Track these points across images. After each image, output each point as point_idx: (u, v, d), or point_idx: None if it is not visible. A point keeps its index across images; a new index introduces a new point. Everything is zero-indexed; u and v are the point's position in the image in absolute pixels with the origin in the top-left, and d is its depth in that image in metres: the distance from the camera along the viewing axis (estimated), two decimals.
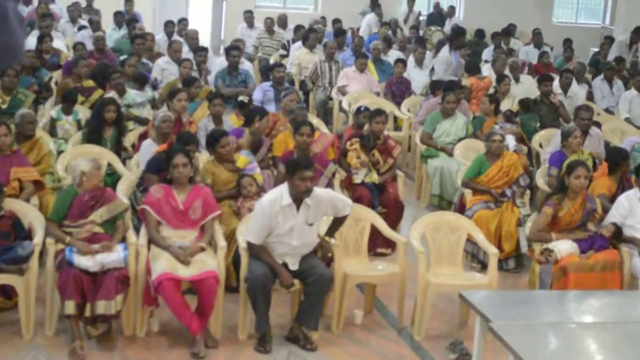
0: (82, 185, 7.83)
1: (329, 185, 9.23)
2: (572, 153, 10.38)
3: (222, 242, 7.93)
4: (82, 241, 7.56)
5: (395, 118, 14.47)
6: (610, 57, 18.52)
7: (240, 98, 11.81)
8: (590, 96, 16.06)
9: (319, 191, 7.95)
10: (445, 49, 16.92)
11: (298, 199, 7.68)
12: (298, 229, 7.72)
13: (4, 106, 10.86)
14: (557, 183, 9.34)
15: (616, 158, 9.78)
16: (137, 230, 7.97)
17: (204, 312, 7.49)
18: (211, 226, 7.99)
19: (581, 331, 6.39)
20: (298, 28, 19.30)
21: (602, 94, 16.23)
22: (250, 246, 7.73)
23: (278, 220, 7.65)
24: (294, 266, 7.79)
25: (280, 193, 7.78)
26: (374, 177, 10.09)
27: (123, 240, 7.81)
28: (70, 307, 7.26)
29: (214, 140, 9.12)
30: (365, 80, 15.34)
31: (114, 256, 7.50)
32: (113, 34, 17.87)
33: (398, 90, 15.46)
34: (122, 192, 8.66)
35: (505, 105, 13.70)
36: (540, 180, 10.84)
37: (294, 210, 7.70)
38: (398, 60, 16.24)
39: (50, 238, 7.69)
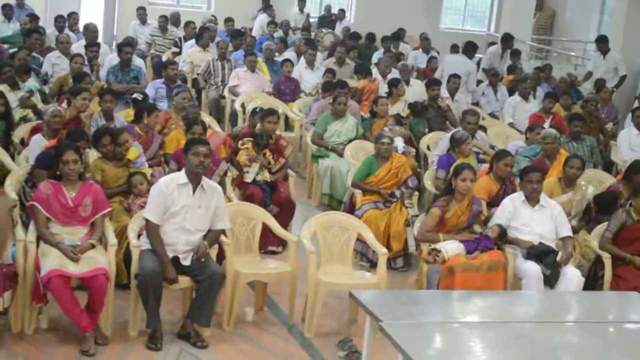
0: None
1: (221, 183, 9.18)
2: (462, 157, 10.50)
3: (112, 239, 7.88)
4: None
5: (287, 118, 14.43)
6: (485, 65, 18.77)
7: (135, 95, 11.70)
8: (475, 101, 16.28)
9: (216, 185, 8.10)
10: None
11: (194, 180, 7.79)
12: (191, 210, 7.81)
13: None
14: (445, 185, 9.44)
15: (496, 158, 9.95)
16: (25, 227, 7.80)
17: (94, 309, 7.40)
18: (101, 223, 7.90)
19: (467, 330, 6.48)
20: (188, 24, 19.21)
21: (487, 100, 16.46)
22: (148, 226, 7.74)
23: (173, 198, 7.75)
24: (185, 261, 7.79)
25: (177, 174, 7.94)
26: (266, 176, 10.13)
27: (12, 237, 7.64)
28: None
29: (96, 138, 9.05)
30: (257, 80, 15.36)
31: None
32: (2, 27, 17.52)
33: (287, 88, 15.49)
34: (10, 187, 8.48)
35: (397, 108, 13.76)
36: (428, 182, 10.96)
37: (189, 190, 7.81)
38: (285, 60, 16.29)
39: None
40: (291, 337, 8.21)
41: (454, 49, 19.66)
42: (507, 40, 18.02)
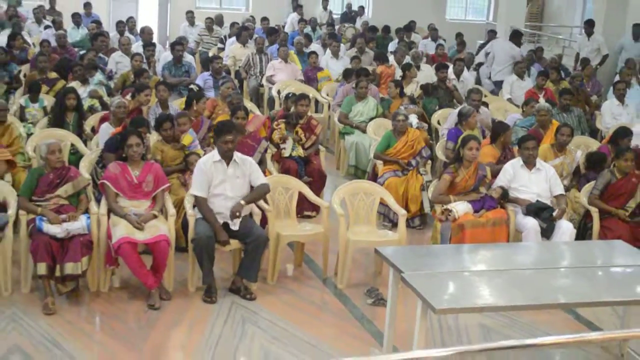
0: (46, 166, 7.76)
1: (262, 159, 9.23)
2: (469, 130, 10.49)
3: (171, 210, 7.94)
4: (52, 213, 7.48)
5: (317, 101, 14.43)
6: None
7: (191, 86, 11.78)
8: (478, 81, 16.23)
9: (245, 157, 8.19)
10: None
11: (226, 157, 7.90)
12: (230, 181, 7.92)
13: None
14: (454, 154, 9.42)
15: (498, 129, 9.94)
16: (98, 202, 7.89)
17: (157, 270, 7.50)
18: (162, 196, 7.97)
19: (477, 277, 6.47)
20: (233, 24, 19.27)
21: (488, 79, 16.41)
22: (198, 200, 7.85)
23: (212, 172, 7.87)
24: (234, 226, 7.84)
25: (212, 154, 8.04)
26: (300, 152, 10.15)
27: (86, 210, 7.73)
28: (42, 268, 7.21)
29: (158, 123, 9.07)
30: (290, 70, 15.32)
31: (78, 224, 7.44)
32: (73, 33, 17.56)
33: (313, 75, 15.51)
34: (84, 168, 8.58)
35: (410, 89, 13.73)
36: (439, 152, 10.96)
37: (224, 165, 7.93)
38: (311, 52, 16.27)
39: (22, 210, 7.62)
40: (326, 288, 8.26)
41: (493, 35, 19.48)
42: (517, 36, 17.83)
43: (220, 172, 7.92)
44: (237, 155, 8.05)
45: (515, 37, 17.19)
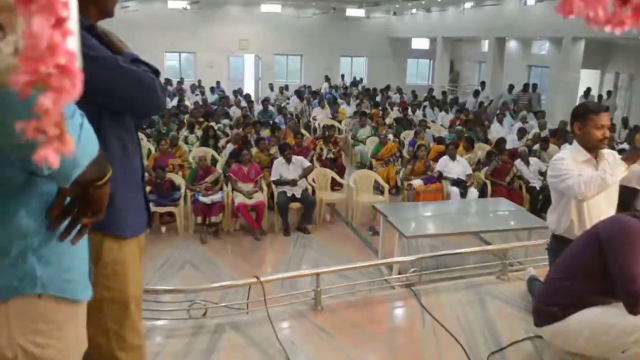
0: (198, 168, 7.93)
1: (311, 160, 9.31)
2: (420, 141, 10.54)
3: (264, 188, 8.05)
4: (204, 190, 7.67)
5: (339, 129, 14.42)
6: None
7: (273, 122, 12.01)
8: (424, 115, 16.17)
9: (297, 157, 8.24)
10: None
11: (287, 160, 8.01)
12: (292, 170, 7.99)
13: (164, 131, 10.92)
14: (412, 154, 9.47)
15: (439, 141, 9.99)
16: (226, 184, 8.04)
17: (259, 219, 7.62)
18: (260, 180, 8.06)
19: (426, 219, 6.59)
20: (296, 91, 19.41)
21: (434, 114, 16.38)
22: (274, 182, 7.97)
23: (282, 170, 7.96)
24: (297, 194, 7.93)
25: (281, 160, 8.07)
26: (331, 155, 10.10)
27: (221, 189, 7.89)
28: (199, 220, 7.43)
29: (257, 142, 9.20)
30: (325, 113, 15.14)
31: (217, 196, 7.64)
32: (211, 97, 17.86)
33: (336, 115, 15.35)
34: (219, 167, 8.71)
35: (388, 120, 13.68)
36: (405, 153, 10.96)
37: (286, 165, 7.99)
38: (335, 103, 16.48)
39: (188, 190, 7.81)
40: (347, 227, 8.30)
41: (431, 91, 19.48)
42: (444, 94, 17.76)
43: (286, 169, 8.00)
44: (294, 157, 8.12)
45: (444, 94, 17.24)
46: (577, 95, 15.45)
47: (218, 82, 20.06)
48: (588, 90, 16.14)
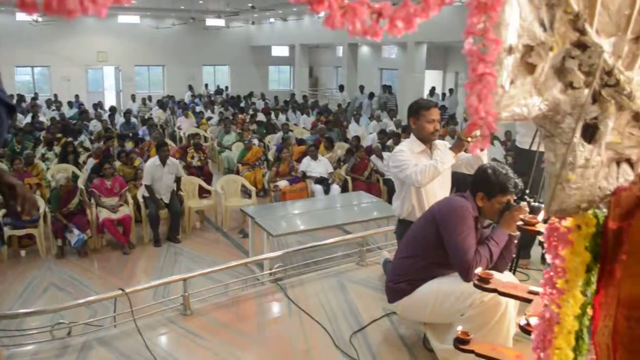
0: (62, 190, 7.38)
1: (179, 169, 9.09)
2: (287, 144, 10.69)
3: (130, 200, 7.77)
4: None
5: (205, 137, 14.28)
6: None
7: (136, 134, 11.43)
8: (287, 118, 16.42)
9: (173, 160, 8.00)
10: None
11: (163, 161, 7.72)
12: (164, 178, 7.72)
13: (18, 150, 10.13)
14: (276, 157, 9.59)
15: (300, 143, 10.12)
16: (89, 199, 7.60)
17: (126, 233, 7.33)
18: (125, 194, 7.75)
19: (294, 216, 6.69)
20: (157, 101, 18.74)
21: (297, 117, 16.65)
22: (147, 187, 7.65)
23: (156, 172, 7.65)
24: (166, 200, 7.73)
25: (154, 159, 7.80)
26: (198, 162, 9.89)
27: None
28: (59, 242, 6.95)
29: (119, 155, 8.83)
30: (189, 122, 14.99)
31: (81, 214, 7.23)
32: (69, 112, 16.79)
33: (201, 123, 15.20)
34: (81, 182, 8.24)
35: (253, 127, 13.74)
36: (270, 156, 10.98)
37: (161, 167, 7.69)
38: (200, 112, 16.20)
39: (57, 217, 7.30)
40: (217, 232, 8.19)
41: (293, 96, 19.67)
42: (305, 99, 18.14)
43: (158, 171, 7.74)
44: (170, 159, 7.88)
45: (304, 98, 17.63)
46: (424, 94, 16.54)
47: (77, 96, 18.89)
48: (433, 89, 17.36)
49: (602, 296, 1.31)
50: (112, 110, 15.91)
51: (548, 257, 1.53)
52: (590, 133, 1.41)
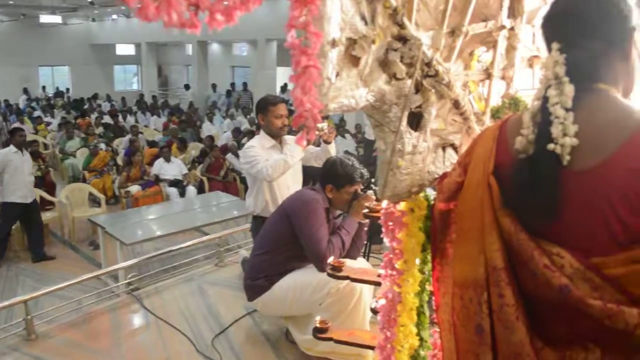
0: None
1: None
2: (135, 149, 10.23)
3: None
4: None
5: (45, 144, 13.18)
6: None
7: None
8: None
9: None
10: None
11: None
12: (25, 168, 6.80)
13: None
14: (126, 162, 9.14)
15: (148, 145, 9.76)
16: None
17: None
18: None
19: (149, 222, 6.42)
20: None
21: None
22: None
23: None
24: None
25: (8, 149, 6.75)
26: (38, 173, 9.15)
27: None
28: None
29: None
30: (25, 128, 13.68)
31: None
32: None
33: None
34: None
35: (99, 131, 12.97)
36: (119, 161, 10.42)
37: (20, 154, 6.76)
38: (38, 117, 14.88)
39: None
40: (65, 246, 7.55)
41: (142, 97, 18.74)
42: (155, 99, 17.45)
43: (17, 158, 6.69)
44: None
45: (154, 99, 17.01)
46: (276, 91, 16.73)
47: None
48: (285, 85, 17.62)
49: (439, 272, 1.40)
50: None
51: (386, 241, 1.61)
52: (416, 121, 1.51)
